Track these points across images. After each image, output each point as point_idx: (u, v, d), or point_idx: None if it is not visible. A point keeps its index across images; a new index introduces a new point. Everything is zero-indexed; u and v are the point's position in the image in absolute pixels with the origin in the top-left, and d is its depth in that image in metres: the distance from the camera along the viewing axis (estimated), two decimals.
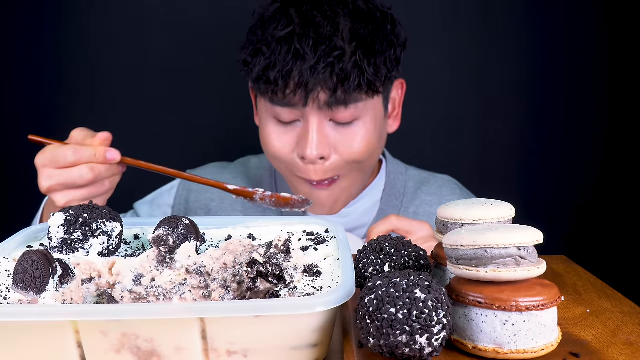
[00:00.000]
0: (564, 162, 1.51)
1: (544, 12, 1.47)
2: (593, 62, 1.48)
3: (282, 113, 0.91)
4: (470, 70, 1.50)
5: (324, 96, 0.87)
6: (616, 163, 1.50)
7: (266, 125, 0.95)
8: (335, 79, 0.86)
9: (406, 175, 1.10)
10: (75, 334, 0.43)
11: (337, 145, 0.92)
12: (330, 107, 0.88)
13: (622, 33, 1.45)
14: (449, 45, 1.48)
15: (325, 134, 0.91)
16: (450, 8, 1.47)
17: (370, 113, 0.93)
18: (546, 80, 1.49)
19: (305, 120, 0.90)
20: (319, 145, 0.89)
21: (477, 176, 1.49)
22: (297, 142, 0.92)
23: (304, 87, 0.86)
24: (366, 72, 0.86)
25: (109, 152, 0.81)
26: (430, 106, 1.49)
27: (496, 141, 1.52)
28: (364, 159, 0.94)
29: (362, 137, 0.92)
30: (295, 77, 0.86)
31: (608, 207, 1.51)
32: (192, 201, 1.09)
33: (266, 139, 0.95)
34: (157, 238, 0.54)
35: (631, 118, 1.47)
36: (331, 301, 0.43)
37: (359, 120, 0.91)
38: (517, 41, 1.49)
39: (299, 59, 0.85)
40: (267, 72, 0.87)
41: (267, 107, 0.93)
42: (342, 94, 0.87)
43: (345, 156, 0.92)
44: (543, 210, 1.48)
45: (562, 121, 1.50)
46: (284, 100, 0.89)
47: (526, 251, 0.47)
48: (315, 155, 0.89)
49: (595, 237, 1.50)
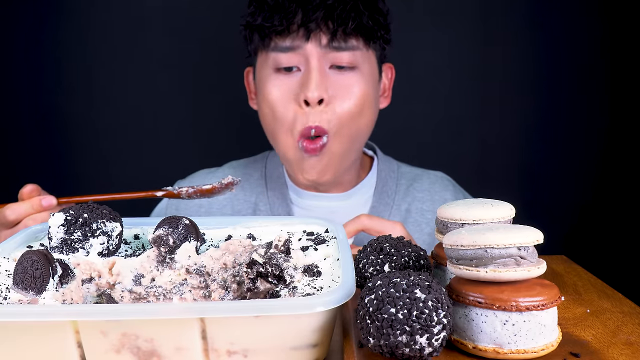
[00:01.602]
0: (564, 162, 1.51)
1: (545, 12, 1.47)
2: (594, 62, 1.48)
3: (283, 58, 0.95)
4: (471, 71, 1.50)
5: (324, 38, 0.93)
6: (616, 163, 1.50)
7: (266, 81, 0.97)
8: (335, 21, 0.92)
9: (398, 172, 1.11)
10: (75, 334, 0.43)
11: (335, 94, 0.95)
12: (329, 48, 0.93)
13: (623, 33, 1.45)
14: (449, 46, 1.48)
15: (326, 76, 0.94)
16: (450, 8, 1.47)
17: (367, 66, 0.97)
18: (546, 80, 1.50)
19: (306, 63, 0.94)
20: (319, 85, 0.93)
21: (477, 176, 1.49)
22: (297, 89, 0.95)
23: (305, 28, 0.92)
24: (363, 18, 0.94)
25: (44, 199, 0.84)
26: (430, 106, 1.49)
27: (496, 141, 1.52)
28: (358, 111, 0.96)
29: (360, 86, 0.96)
30: (298, 18, 0.92)
31: (608, 207, 1.51)
32: (182, 209, 1.10)
33: (266, 94, 0.97)
34: (157, 238, 0.54)
35: (632, 118, 1.47)
36: (331, 301, 0.43)
37: (357, 69, 0.96)
38: (517, 41, 1.49)
39: (302, 3, 0.93)
40: (272, 17, 0.93)
41: (268, 58, 0.97)
42: (341, 36, 0.93)
43: (342, 104, 0.95)
44: (543, 210, 1.48)
45: (562, 121, 1.50)
46: (286, 43, 0.94)
47: (526, 251, 0.47)
48: (316, 96, 0.92)
49: (595, 237, 1.50)
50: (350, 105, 0.95)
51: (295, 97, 0.95)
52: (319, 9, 0.92)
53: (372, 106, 0.99)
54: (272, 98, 0.96)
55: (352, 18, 0.93)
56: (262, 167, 1.11)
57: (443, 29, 1.47)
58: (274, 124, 0.98)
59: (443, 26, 1.47)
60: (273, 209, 1.06)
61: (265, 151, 1.16)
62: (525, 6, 1.48)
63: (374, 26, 0.95)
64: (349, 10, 0.92)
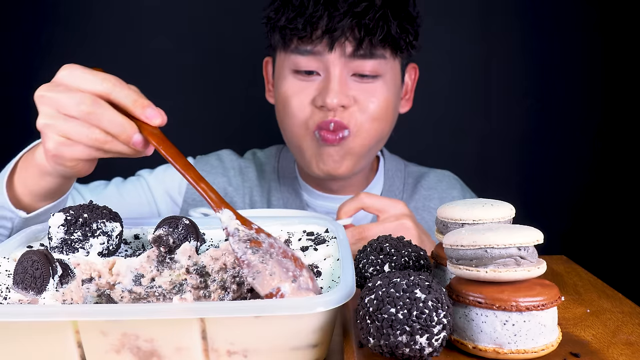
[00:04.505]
0: (564, 162, 1.51)
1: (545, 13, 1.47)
2: (592, 62, 1.48)
3: (303, 61, 0.91)
4: (471, 71, 1.50)
5: (349, 47, 0.89)
6: (616, 163, 1.50)
7: (284, 81, 0.95)
8: (362, 30, 0.87)
9: (405, 171, 1.10)
10: (75, 334, 0.43)
11: (357, 98, 0.91)
12: (354, 57, 0.89)
13: (619, 33, 1.45)
14: (450, 45, 1.48)
15: (347, 85, 0.91)
16: (451, 7, 1.47)
17: (390, 74, 0.94)
18: (547, 80, 1.50)
19: (326, 70, 0.91)
20: (340, 92, 0.89)
21: (477, 176, 1.49)
22: (316, 94, 0.91)
23: (330, 35, 0.88)
24: (392, 27, 0.88)
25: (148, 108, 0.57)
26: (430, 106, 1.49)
27: (496, 141, 1.52)
28: (379, 117, 0.93)
29: (382, 93, 0.93)
30: (323, 24, 0.87)
31: (608, 207, 1.51)
32: None
33: (282, 94, 0.95)
34: (157, 238, 0.54)
35: (630, 118, 1.47)
36: (331, 301, 0.43)
37: (380, 78, 0.92)
38: (517, 41, 1.49)
39: (329, 7, 0.87)
40: (296, 19, 0.89)
41: (287, 59, 0.93)
42: (368, 46, 0.89)
43: (364, 108, 0.92)
44: (543, 210, 1.48)
45: (562, 121, 1.50)
46: (308, 48, 0.90)
47: (526, 251, 0.47)
48: (336, 104, 0.89)
49: (596, 237, 1.50)
50: (370, 113, 0.92)
51: (312, 101, 0.92)
52: (346, 16, 0.87)
53: (392, 112, 0.97)
54: (289, 100, 0.94)
55: (380, 27, 0.88)
56: (275, 162, 1.11)
57: (444, 29, 1.47)
58: (288, 120, 0.96)
59: (444, 26, 1.47)
60: (287, 204, 1.06)
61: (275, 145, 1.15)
62: (525, 6, 1.48)
63: (402, 35, 0.91)
64: (377, 19, 0.87)
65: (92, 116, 0.56)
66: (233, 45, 1.44)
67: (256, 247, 0.49)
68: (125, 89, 0.57)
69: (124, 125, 0.56)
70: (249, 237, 0.49)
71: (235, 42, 1.44)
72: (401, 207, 0.81)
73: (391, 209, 0.81)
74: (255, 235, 0.50)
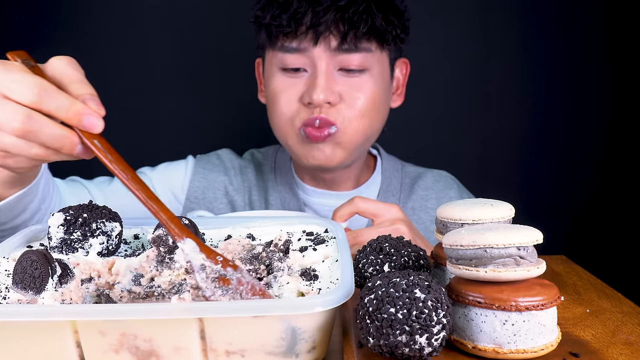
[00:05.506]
0: (564, 162, 1.51)
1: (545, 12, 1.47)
2: (594, 61, 1.48)
3: (289, 59, 0.92)
4: (470, 70, 1.50)
5: (334, 41, 0.90)
6: (616, 163, 1.50)
7: (272, 79, 0.96)
8: (346, 24, 0.88)
9: (402, 171, 1.10)
10: (74, 334, 0.43)
11: (343, 94, 0.92)
12: (339, 50, 0.90)
13: (623, 32, 1.45)
14: (449, 44, 1.48)
15: (333, 80, 0.92)
16: (449, 6, 1.47)
17: (378, 67, 0.94)
18: (547, 79, 1.49)
19: (313, 66, 0.92)
20: (326, 88, 0.90)
21: (477, 176, 1.49)
22: (304, 90, 0.92)
23: (314, 30, 0.89)
24: (376, 20, 0.89)
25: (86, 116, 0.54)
26: (430, 106, 1.49)
27: (496, 141, 1.51)
28: (367, 112, 0.94)
29: (369, 87, 0.93)
30: (307, 20, 0.89)
31: (608, 207, 1.50)
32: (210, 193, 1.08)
33: (271, 92, 0.96)
34: (157, 238, 0.54)
35: (631, 118, 1.47)
36: (330, 301, 0.43)
37: (367, 72, 0.93)
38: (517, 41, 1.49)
39: (313, 2, 0.88)
40: (280, 16, 0.90)
41: (275, 57, 0.95)
42: (352, 39, 0.89)
43: (351, 104, 0.92)
44: (543, 210, 1.48)
45: (563, 121, 1.50)
46: (293, 44, 0.91)
47: (526, 251, 0.47)
48: (322, 99, 0.90)
49: (595, 237, 1.50)
50: (358, 108, 0.93)
51: (300, 98, 0.93)
52: (329, 10, 0.88)
53: (381, 107, 0.97)
54: (277, 97, 0.95)
55: (364, 20, 0.88)
56: (272, 162, 1.11)
57: (442, 27, 1.47)
58: (276, 117, 0.97)
59: (442, 25, 1.47)
60: (284, 203, 1.06)
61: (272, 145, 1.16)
62: (525, 5, 1.48)
63: (388, 27, 0.91)
64: (361, 12, 0.88)
65: (29, 134, 0.53)
66: (232, 45, 1.44)
67: (225, 286, 0.48)
68: (55, 97, 0.52)
69: (64, 139, 0.53)
70: (217, 275, 0.49)
71: (235, 42, 1.43)
72: (396, 212, 0.81)
73: (386, 214, 0.81)
74: (223, 271, 0.49)
